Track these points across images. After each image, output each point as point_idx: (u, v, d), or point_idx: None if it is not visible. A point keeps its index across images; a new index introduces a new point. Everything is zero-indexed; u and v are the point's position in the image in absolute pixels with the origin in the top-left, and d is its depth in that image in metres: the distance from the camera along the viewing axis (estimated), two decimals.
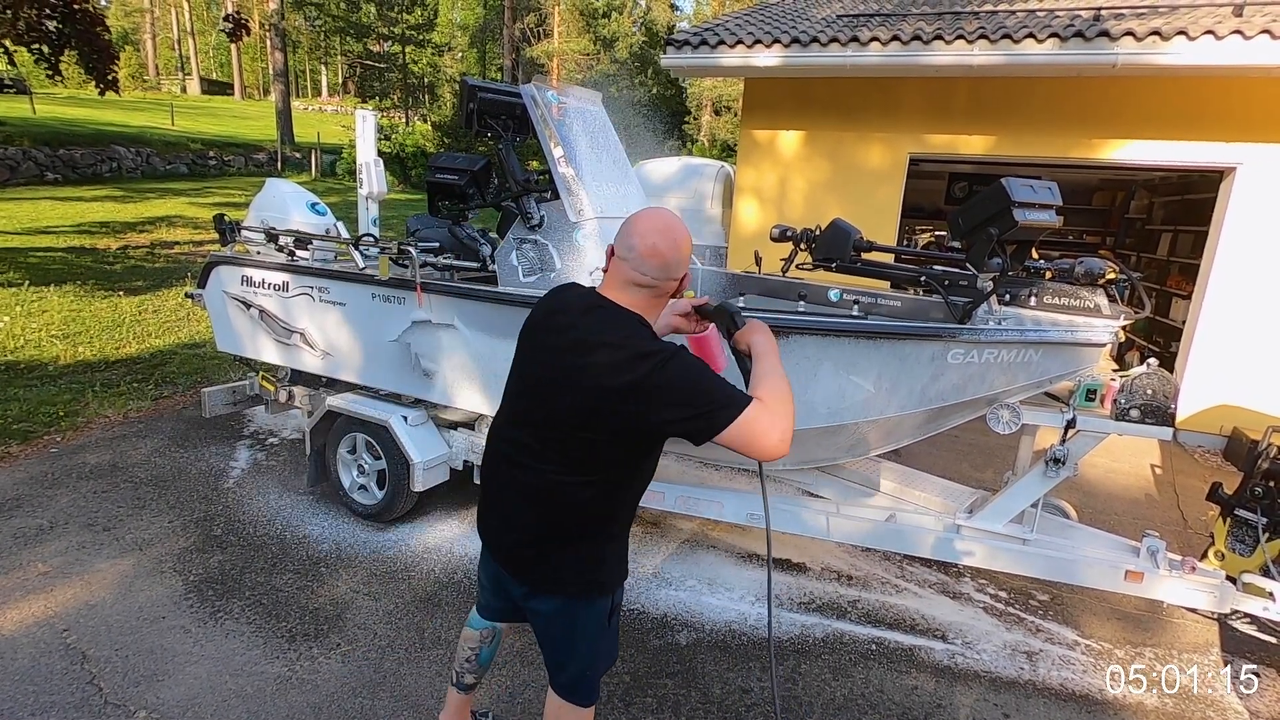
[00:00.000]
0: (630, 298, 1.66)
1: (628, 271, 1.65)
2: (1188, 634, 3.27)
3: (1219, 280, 5.76)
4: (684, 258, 1.69)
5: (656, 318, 1.74)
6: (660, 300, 1.72)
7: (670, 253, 1.65)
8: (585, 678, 1.87)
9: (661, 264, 1.64)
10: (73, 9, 10.69)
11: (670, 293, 1.72)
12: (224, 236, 4.25)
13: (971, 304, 2.82)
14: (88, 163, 17.72)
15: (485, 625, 2.11)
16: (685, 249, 1.69)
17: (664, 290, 1.69)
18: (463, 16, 48.50)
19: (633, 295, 1.66)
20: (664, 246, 1.64)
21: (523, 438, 1.72)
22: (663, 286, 1.67)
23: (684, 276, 1.72)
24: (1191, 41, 4.97)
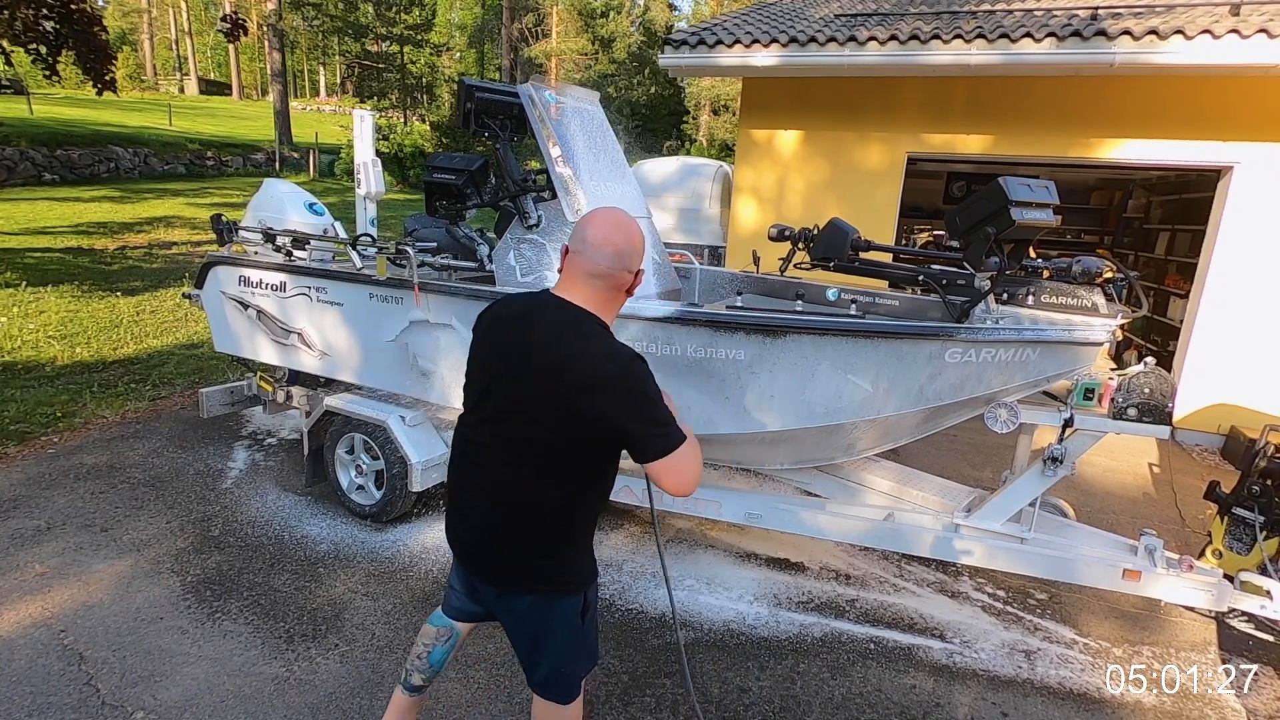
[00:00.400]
0: (586, 291, 1.68)
1: (582, 264, 1.67)
2: (1185, 632, 3.28)
3: (1216, 279, 5.77)
4: (636, 249, 1.71)
5: (613, 317, 1.74)
6: (616, 295, 1.72)
7: (623, 242, 1.67)
8: (561, 675, 1.86)
9: (615, 252, 1.66)
10: (70, 9, 10.67)
11: (625, 286, 1.72)
12: (222, 237, 4.25)
13: (969, 303, 2.82)
14: (85, 163, 17.69)
15: (444, 623, 2.08)
16: (638, 241, 1.71)
17: (619, 282, 1.70)
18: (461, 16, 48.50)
19: (589, 288, 1.68)
20: (617, 236, 1.67)
21: (486, 440, 1.73)
22: (618, 277, 1.69)
23: (638, 273, 1.73)
24: (1189, 41, 4.97)
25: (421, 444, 3.67)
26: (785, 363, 2.86)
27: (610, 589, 3.36)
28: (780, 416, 2.96)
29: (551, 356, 1.61)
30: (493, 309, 1.80)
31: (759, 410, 2.97)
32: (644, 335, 3.02)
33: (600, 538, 3.83)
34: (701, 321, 2.92)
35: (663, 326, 2.98)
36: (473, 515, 1.78)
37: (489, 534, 1.76)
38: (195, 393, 5.07)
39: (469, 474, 1.79)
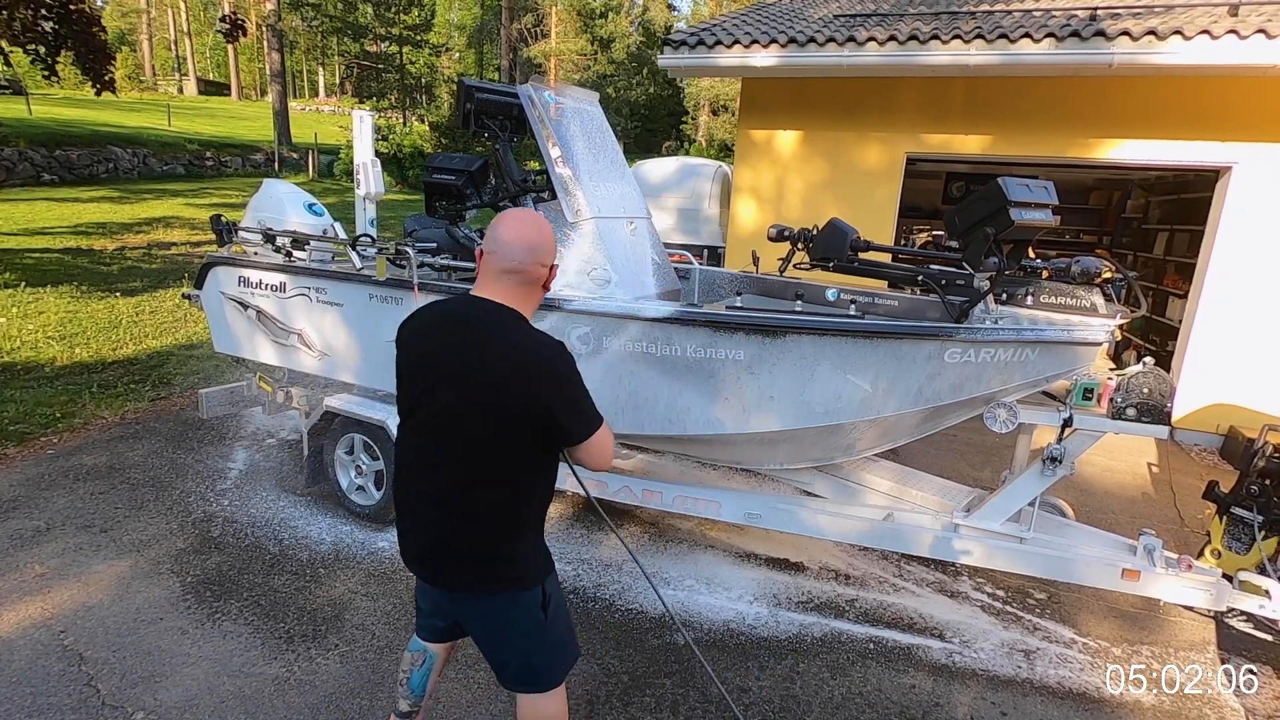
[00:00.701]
0: (503, 288, 1.72)
1: (496, 261, 1.72)
2: (1184, 632, 3.28)
3: (1215, 279, 5.78)
4: (548, 245, 1.77)
5: (531, 311, 1.78)
6: (531, 291, 1.77)
7: (535, 237, 1.74)
8: (533, 669, 1.87)
9: (528, 247, 1.71)
10: (69, 9, 10.66)
11: (540, 281, 1.77)
12: (221, 237, 4.24)
13: (968, 303, 2.82)
14: (84, 163, 17.68)
15: (418, 648, 2.09)
16: (549, 236, 1.78)
17: (533, 277, 1.74)
18: (460, 17, 48.49)
19: (504, 284, 1.72)
20: (528, 233, 1.74)
21: (425, 445, 1.75)
22: (531, 272, 1.73)
23: (552, 268, 1.79)
24: (1187, 41, 4.98)
25: None
26: (785, 363, 2.86)
27: (610, 589, 3.36)
28: (780, 416, 2.96)
29: (483, 354, 1.66)
30: (415, 316, 1.85)
31: (758, 410, 2.97)
32: (643, 335, 3.03)
33: (600, 538, 3.83)
34: (701, 322, 2.93)
35: (662, 327, 2.99)
36: (422, 523, 1.79)
37: (440, 539, 1.76)
38: (195, 393, 5.07)
39: (415, 482, 1.79)
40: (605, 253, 3.17)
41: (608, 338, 3.10)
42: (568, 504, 4.21)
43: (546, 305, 3.17)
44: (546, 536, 1.74)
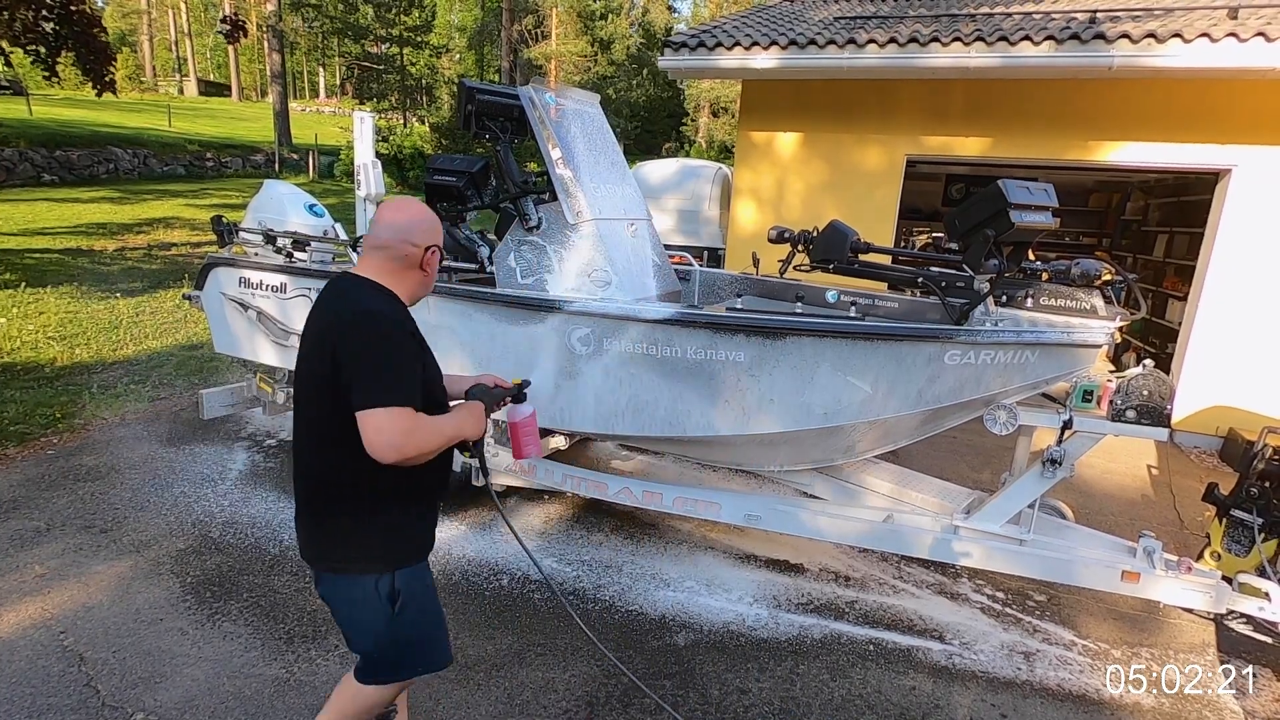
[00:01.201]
0: (373, 263, 1.80)
1: (369, 240, 1.82)
2: (1184, 634, 3.29)
3: (1215, 282, 5.78)
4: (418, 226, 1.81)
5: (408, 291, 1.84)
6: (404, 269, 1.81)
7: (402, 217, 1.81)
8: (370, 659, 1.87)
9: (393, 225, 1.79)
10: (69, 10, 10.68)
11: (414, 261, 1.81)
12: (222, 238, 4.25)
13: (968, 305, 2.83)
14: (84, 164, 17.68)
15: None
16: (420, 220, 1.83)
17: (401, 253, 1.79)
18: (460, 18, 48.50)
19: (373, 260, 1.81)
20: (396, 214, 1.82)
21: (297, 422, 1.83)
22: (399, 249, 1.79)
23: (428, 249, 1.82)
24: (1187, 44, 4.99)
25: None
26: (785, 365, 2.87)
27: (610, 591, 3.36)
28: (780, 418, 2.96)
29: (322, 321, 1.73)
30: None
31: (759, 412, 2.97)
32: (644, 337, 3.03)
33: (600, 539, 3.83)
34: (701, 323, 2.93)
35: (663, 328, 2.99)
36: (297, 500, 1.85)
37: (300, 512, 1.83)
38: (195, 394, 5.07)
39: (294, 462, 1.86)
40: (606, 254, 3.18)
41: (608, 339, 3.10)
42: (568, 505, 4.21)
43: (548, 306, 3.17)
44: (544, 537, 1.74)
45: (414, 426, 1.66)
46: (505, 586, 3.35)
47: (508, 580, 3.40)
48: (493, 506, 4.13)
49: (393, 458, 1.62)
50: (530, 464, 3.68)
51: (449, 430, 1.76)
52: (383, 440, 1.61)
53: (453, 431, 1.78)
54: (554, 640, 2.97)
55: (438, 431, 1.72)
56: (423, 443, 1.67)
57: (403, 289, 1.82)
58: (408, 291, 1.83)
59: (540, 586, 3.35)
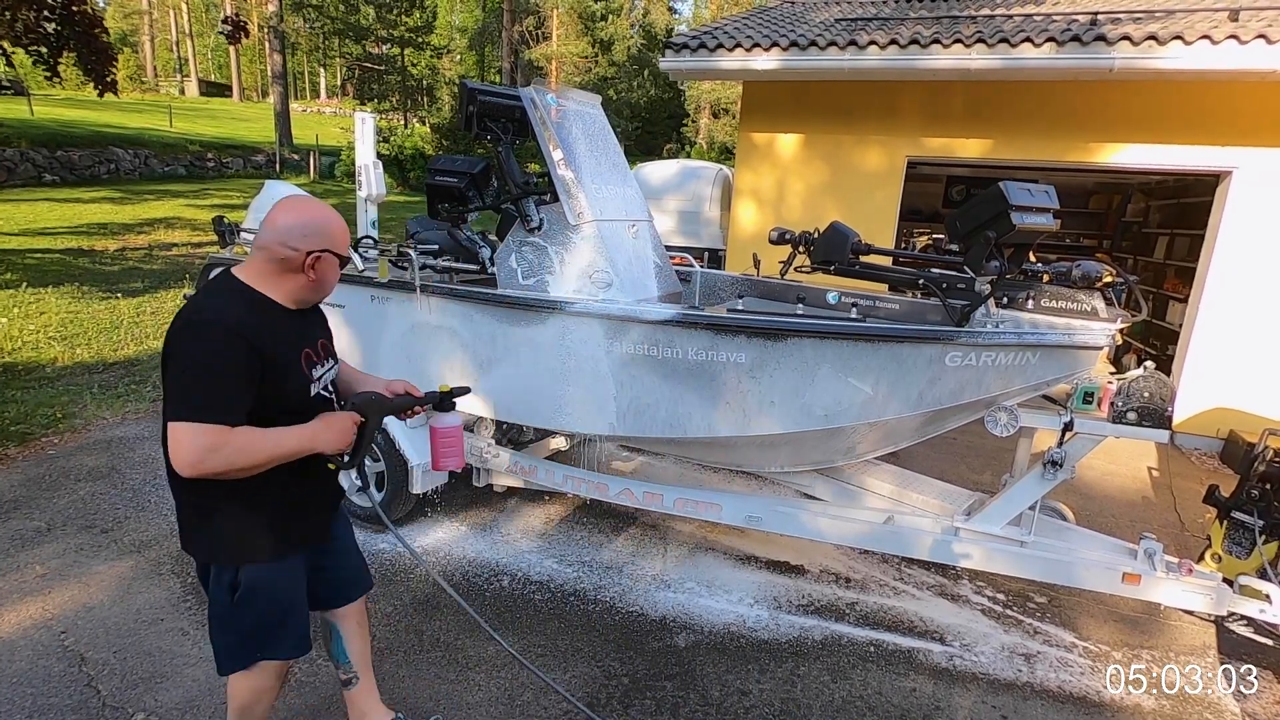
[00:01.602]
0: (252, 263, 1.79)
1: (255, 240, 1.81)
2: (1185, 636, 3.28)
3: (1215, 284, 5.79)
4: (298, 227, 1.76)
5: (288, 294, 1.80)
6: (282, 272, 1.78)
7: (284, 219, 1.77)
8: (214, 644, 1.89)
9: (272, 226, 1.76)
10: (71, 11, 10.69)
11: (295, 265, 1.76)
12: (223, 238, 4.26)
13: (969, 307, 2.83)
14: (86, 164, 17.69)
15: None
16: (303, 220, 1.78)
17: (278, 256, 1.75)
18: (461, 19, 48.56)
19: (253, 260, 1.79)
20: (277, 213, 1.78)
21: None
22: (275, 251, 1.75)
23: (311, 254, 1.76)
24: (1188, 46, 4.99)
25: (422, 446, 3.68)
26: (786, 366, 2.87)
27: (611, 592, 3.36)
28: (780, 419, 2.96)
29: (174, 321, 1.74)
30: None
31: (759, 413, 2.97)
32: (645, 338, 3.03)
33: (601, 540, 3.83)
34: (702, 324, 2.93)
35: (664, 329, 2.99)
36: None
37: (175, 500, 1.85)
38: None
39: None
40: (607, 255, 3.18)
41: (609, 340, 3.10)
42: (568, 506, 4.21)
43: (549, 307, 3.18)
44: (545, 538, 1.74)
45: (219, 444, 1.60)
46: (506, 587, 3.35)
47: (508, 581, 3.40)
48: (493, 507, 4.14)
49: (189, 472, 1.60)
50: (530, 464, 3.68)
51: (290, 444, 1.71)
52: (179, 456, 1.60)
53: (296, 445, 1.72)
54: (555, 642, 2.97)
55: (270, 446, 1.68)
56: (233, 459, 1.62)
57: (281, 292, 1.78)
58: (289, 295, 1.79)
59: (541, 587, 3.35)
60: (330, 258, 1.81)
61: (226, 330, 1.65)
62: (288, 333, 1.78)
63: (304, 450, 1.75)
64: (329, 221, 1.82)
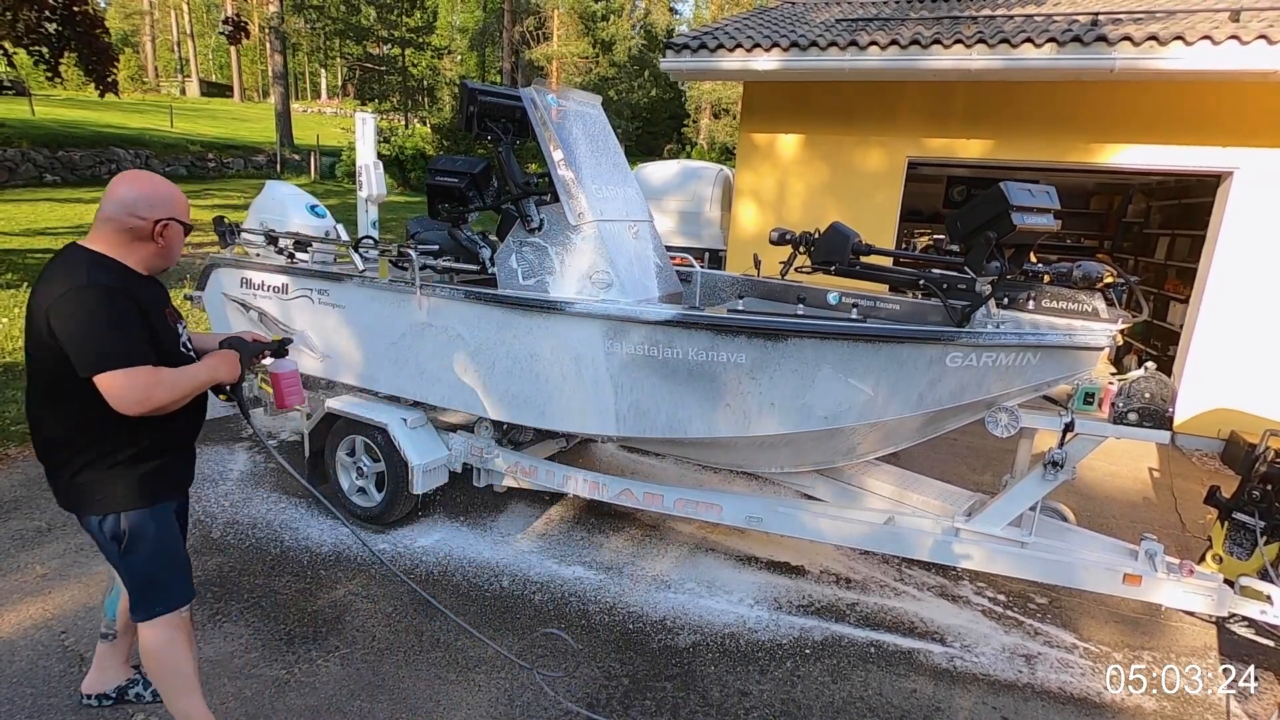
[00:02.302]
0: (99, 234, 1.94)
1: (99, 212, 1.94)
2: (1186, 637, 3.28)
3: (1216, 284, 5.78)
4: (142, 197, 1.93)
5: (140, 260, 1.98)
6: (132, 240, 1.95)
7: (126, 190, 1.92)
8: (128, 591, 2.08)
9: (116, 198, 1.92)
10: (72, 11, 10.69)
11: (139, 233, 1.94)
12: (223, 239, 4.25)
13: (970, 307, 2.82)
14: (87, 164, 17.70)
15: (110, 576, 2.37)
16: (146, 190, 1.94)
17: (126, 225, 1.92)
18: (462, 20, 48.57)
19: (100, 231, 1.94)
20: (120, 186, 1.93)
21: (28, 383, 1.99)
22: (122, 221, 1.92)
23: (159, 223, 1.94)
24: (1189, 46, 4.99)
25: (422, 446, 3.68)
26: (786, 366, 2.87)
27: (611, 592, 3.36)
28: (781, 420, 2.96)
29: (41, 296, 1.86)
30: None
31: (760, 414, 2.97)
32: (646, 339, 3.03)
33: (601, 541, 3.83)
34: (703, 325, 2.93)
35: (664, 330, 2.99)
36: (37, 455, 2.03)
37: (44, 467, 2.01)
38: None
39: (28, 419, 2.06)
40: (607, 256, 3.18)
41: (610, 341, 3.10)
42: (568, 507, 4.21)
43: (549, 308, 3.18)
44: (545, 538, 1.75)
45: (156, 380, 1.85)
46: (506, 587, 3.35)
47: (508, 581, 3.40)
48: (493, 507, 4.14)
49: (140, 410, 1.83)
50: (531, 465, 3.68)
51: (202, 376, 1.98)
52: (128, 397, 1.80)
53: (206, 376, 2.00)
54: (555, 642, 2.97)
55: (189, 379, 1.94)
56: (171, 390, 1.88)
57: (135, 259, 1.96)
58: (141, 262, 1.98)
59: (541, 588, 3.35)
60: (176, 225, 2.00)
61: (109, 290, 1.84)
62: (149, 294, 1.98)
63: (212, 381, 2.03)
64: (171, 192, 2.00)
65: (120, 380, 1.80)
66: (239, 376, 2.12)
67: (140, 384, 1.82)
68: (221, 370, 2.05)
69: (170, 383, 1.88)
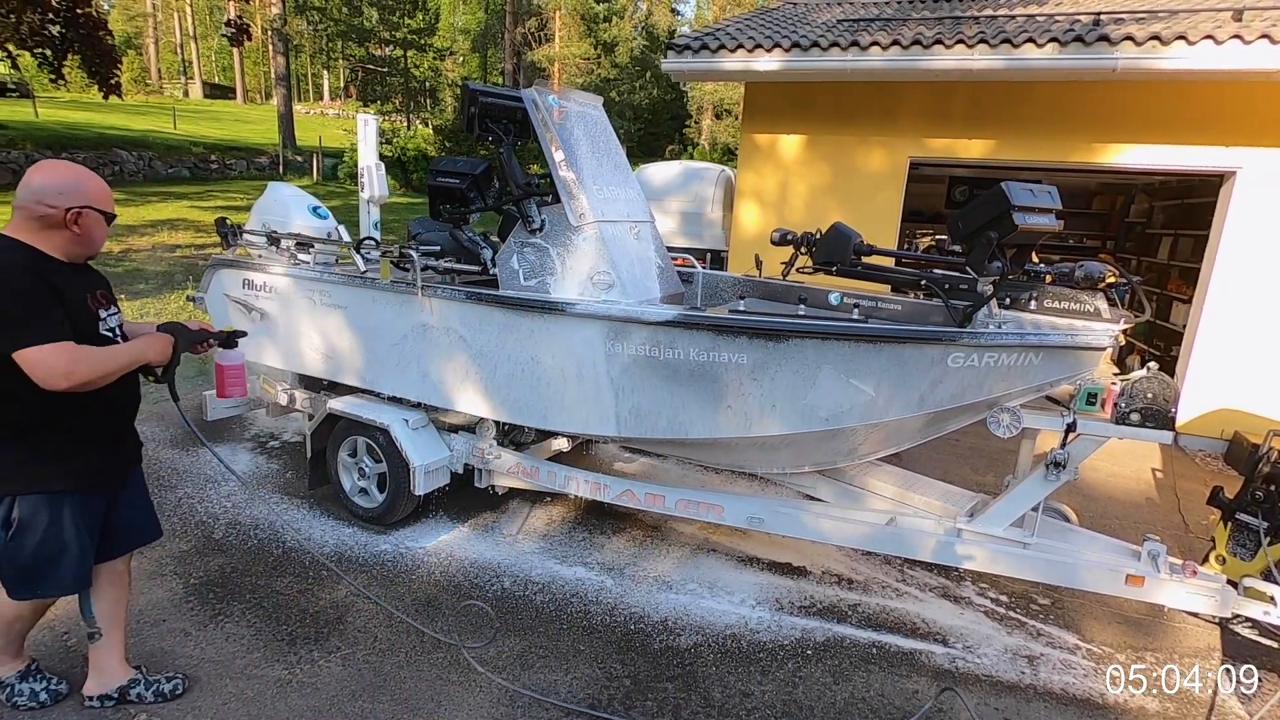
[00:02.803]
0: (14, 222, 2.02)
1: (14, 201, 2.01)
2: (1189, 638, 3.27)
3: (1219, 284, 5.77)
4: (50, 186, 1.99)
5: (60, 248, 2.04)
6: (45, 228, 2.01)
7: (36, 180, 1.99)
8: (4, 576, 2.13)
9: (26, 186, 1.98)
10: (76, 14, 10.76)
11: (55, 222, 2.00)
12: (226, 240, 4.26)
13: (971, 308, 2.82)
14: (90, 166, 17.59)
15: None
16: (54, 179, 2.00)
17: (36, 214, 1.99)
18: (464, 21, 48.66)
19: (14, 219, 2.02)
20: (34, 175, 2.00)
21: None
22: (32, 209, 1.98)
23: (70, 210, 2.00)
24: (1191, 46, 4.98)
25: (424, 447, 3.68)
26: (788, 367, 2.87)
27: (613, 593, 3.36)
28: (782, 421, 2.96)
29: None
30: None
31: (761, 414, 2.97)
32: (647, 339, 3.03)
33: (602, 541, 3.83)
34: (704, 325, 2.93)
35: (665, 330, 2.99)
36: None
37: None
38: (198, 395, 5.08)
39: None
40: (608, 257, 3.18)
41: (611, 341, 3.10)
42: (570, 507, 4.21)
43: (550, 309, 3.18)
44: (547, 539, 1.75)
45: (78, 356, 1.92)
46: (508, 588, 3.35)
47: (510, 582, 3.40)
48: (494, 508, 4.14)
49: (65, 384, 1.89)
50: (532, 465, 3.68)
51: (125, 356, 2.05)
52: (51, 371, 1.87)
53: (131, 356, 2.07)
54: (556, 643, 2.97)
55: (114, 357, 2.02)
56: (95, 367, 1.95)
57: (51, 246, 2.03)
58: (59, 249, 2.04)
59: (542, 589, 3.35)
60: (93, 214, 2.05)
61: (20, 269, 1.92)
62: (67, 278, 2.04)
63: (137, 361, 2.10)
64: (82, 181, 2.05)
65: (40, 355, 1.87)
66: (169, 358, 2.19)
67: (62, 358, 1.89)
68: (149, 352, 2.12)
69: (94, 359, 1.96)
